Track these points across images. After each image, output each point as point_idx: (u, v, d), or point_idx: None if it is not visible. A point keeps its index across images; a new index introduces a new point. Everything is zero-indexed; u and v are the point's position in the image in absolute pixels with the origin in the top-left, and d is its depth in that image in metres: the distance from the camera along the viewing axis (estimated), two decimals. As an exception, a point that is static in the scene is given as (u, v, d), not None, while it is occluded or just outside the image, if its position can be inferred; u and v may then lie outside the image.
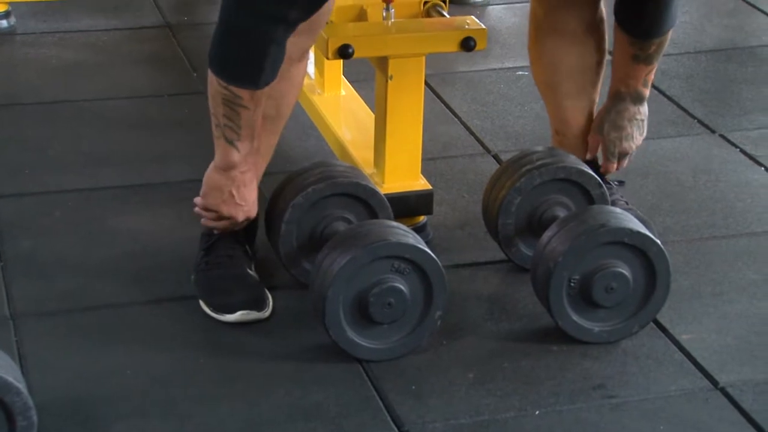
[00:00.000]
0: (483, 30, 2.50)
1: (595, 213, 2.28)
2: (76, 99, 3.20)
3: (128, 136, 3.03)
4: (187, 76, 3.35)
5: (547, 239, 2.28)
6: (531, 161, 2.46)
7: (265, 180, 2.49)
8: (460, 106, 3.22)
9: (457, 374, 2.22)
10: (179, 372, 2.21)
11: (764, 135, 3.09)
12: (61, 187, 2.79)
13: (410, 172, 2.57)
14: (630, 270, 2.26)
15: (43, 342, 2.28)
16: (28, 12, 3.62)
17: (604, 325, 2.29)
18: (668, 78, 3.39)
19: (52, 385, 2.15)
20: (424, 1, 2.64)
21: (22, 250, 2.55)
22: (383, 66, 2.48)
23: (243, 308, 2.33)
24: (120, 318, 2.36)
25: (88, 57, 3.43)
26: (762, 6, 3.85)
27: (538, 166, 2.44)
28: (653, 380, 2.22)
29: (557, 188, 2.46)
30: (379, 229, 2.23)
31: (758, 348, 2.31)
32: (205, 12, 3.71)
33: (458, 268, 2.49)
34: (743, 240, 2.66)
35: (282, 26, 2.16)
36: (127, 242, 2.59)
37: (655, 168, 2.94)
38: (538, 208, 2.46)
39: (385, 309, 2.20)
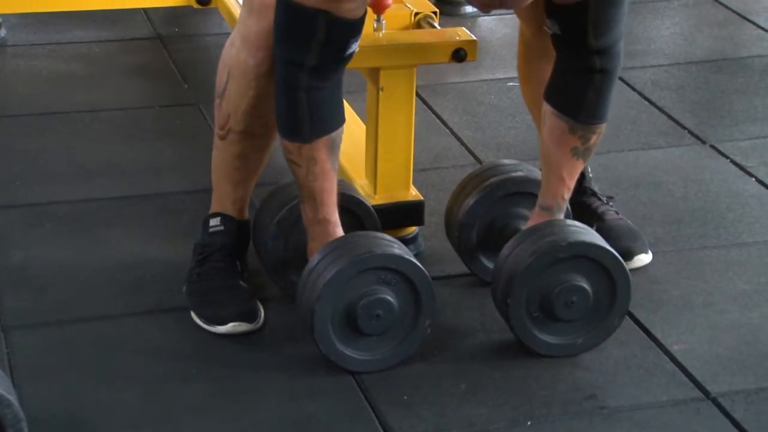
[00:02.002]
0: (474, 41, 2.51)
1: (554, 228, 2.27)
2: (67, 110, 3.20)
3: (120, 147, 3.03)
4: (178, 88, 3.35)
5: (508, 252, 2.27)
6: (494, 174, 2.46)
7: (257, 191, 2.49)
8: (451, 117, 3.23)
9: (449, 385, 2.22)
10: (171, 383, 2.21)
11: (755, 145, 3.10)
12: (53, 199, 2.79)
13: (401, 182, 2.57)
14: (589, 283, 2.26)
15: (35, 354, 2.28)
16: (19, 24, 3.62)
17: (567, 338, 2.28)
18: (659, 89, 3.40)
19: (43, 397, 2.15)
20: (415, 13, 2.65)
21: (14, 262, 2.55)
22: (374, 77, 2.48)
23: (234, 320, 2.33)
24: (112, 329, 2.36)
25: (80, 68, 3.43)
26: (752, 17, 3.86)
27: (499, 180, 2.44)
28: (645, 390, 2.22)
29: (518, 201, 2.45)
30: (365, 240, 2.23)
31: (749, 358, 2.31)
32: (196, 24, 3.71)
33: (450, 278, 2.50)
34: (734, 250, 2.67)
35: (304, 73, 2.14)
36: (119, 254, 2.59)
37: (646, 179, 2.95)
38: (498, 221, 2.46)
39: (374, 321, 2.20)
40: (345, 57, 2.16)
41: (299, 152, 2.20)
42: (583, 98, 2.24)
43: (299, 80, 2.15)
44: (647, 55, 3.61)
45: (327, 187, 2.23)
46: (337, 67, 2.17)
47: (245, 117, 2.33)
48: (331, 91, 2.19)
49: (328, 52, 2.13)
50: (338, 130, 2.22)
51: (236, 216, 2.44)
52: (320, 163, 2.20)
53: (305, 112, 2.18)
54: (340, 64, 2.17)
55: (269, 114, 2.31)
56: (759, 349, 2.34)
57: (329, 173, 2.22)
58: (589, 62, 2.21)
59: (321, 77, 2.16)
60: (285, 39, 2.15)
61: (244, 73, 2.30)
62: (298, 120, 2.18)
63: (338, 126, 2.22)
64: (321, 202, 2.24)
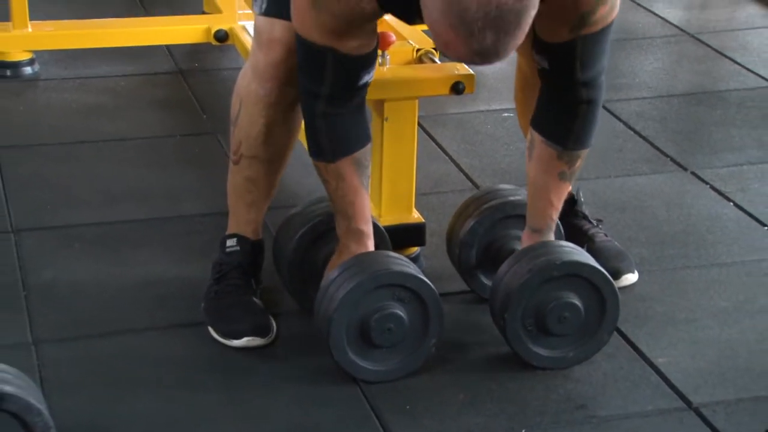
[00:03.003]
0: (471, 75, 2.51)
1: (548, 248, 2.26)
2: (95, 140, 3.20)
3: (143, 173, 3.03)
4: (197, 118, 3.35)
5: (505, 270, 2.26)
6: (493, 198, 2.45)
7: (271, 214, 2.48)
8: (450, 145, 3.22)
9: (449, 395, 2.21)
10: (189, 393, 2.20)
11: (732, 172, 3.09)
12: (81, 222, 2.79)
13: (404, 206, 2.57)
14: (580, 300, 2.24)
15: (63, 366, 2.27)
16: (51, 59, 3.63)
17: (559, 352, 2.27)
18: (643, 120, 3.39)
19: (71, 407, 2.14)
20: (417, 49, 2.65)
21: (44, 280, 2.54)
22: (379, 108, 2.48)
23: (249, 334, 2.32)
24: (135, 343, 2.35)
25: (107, 101, 3.43)
26: (729, 53, 3.86)
27: (498, 203, 2.43)
28: (632, 401, 2.21)
29: (515, 224, 2.44)
30: (382, 258, 2.22)
31: (729, 371, 2.30)
32: (215, 59, 3.72)
33: (449, 295, 2.48)
34: (714, 270, 2.65)
35: (319, 102, 2.15)
36: (142, 272, 2.58)
37: (631, 203, 2.94)
38: (496, 241, 2.45)
39: (386, 333, 2.19)
40: (358, 87, 2.16)
41: (327, 170, 2.21)
42: (570, 127, 2.23)
43: (316, 107, 2.16)
44: (632, 88, 3.60)
45: (357, 201, 2.23)
46: (351, 95, 2.17)
47: (256, 143, 2.33)
48: (350, 116, 2.19)
49: (339, 83, 2.13)
50: (362, 150, 2.21)
51: (251, 236, 2.43)
52: (348, 179, 2.20)
53: (324, 136, 2.18)
54: (354, 93, 2.17)
55: (278, 140, 2.31)
56: (738, 362, 2.32)
57: (358, 188, 2.22)
58: (575, 94, 2.20)
59: (337, 104, 2.16)
60: (302, 71, 2.15)
61: (254, 103, 2.29)
62: (320, 143, 2.19)
63: (361, 147, 2.21)
64: (353, 215, 2.24)
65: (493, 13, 1.78)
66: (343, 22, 2.04)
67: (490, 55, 1.84)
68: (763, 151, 3.20)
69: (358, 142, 2.21)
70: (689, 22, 4.12)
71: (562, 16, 2.07)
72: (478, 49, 1.82)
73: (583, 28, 2.10)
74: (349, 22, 2.05)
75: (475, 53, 1.83)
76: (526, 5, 1.80)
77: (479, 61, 1.85)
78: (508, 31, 1.81)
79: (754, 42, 3.95)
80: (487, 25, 1.79)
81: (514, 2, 1.78)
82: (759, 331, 2.43)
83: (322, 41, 2.07)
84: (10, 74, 3.53)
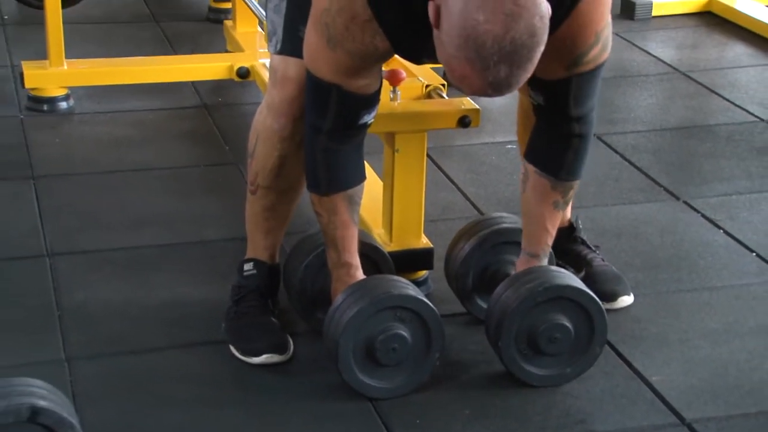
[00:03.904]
0: (477, 110, 2.51)
1: (536, 274, 2.25)
2: (124, 169, 3.21)
3: (169, 201, 3.03)
4: (220, 150, 3.35)
5: (498, 296, 2.25)
6: (488, 225, 2.45)
7: (287, 238, 2.48)
8: (457, 175, 3.22)
9: (455, 410, 2.19)
10: (211, 407, 2.19)
11: (722, 201, 3.08)
12: (111, 246, 2.79)
13: (414, 232, 2.56)
14: (569, 320, 2.23)
15: (94, 382, 2.26)
16: (84, 95, 3.64)
17: (556, 369, 2.25)
18: (638, 152, 3.39)
19: (101, 420, 2.14)
20: (426, 85, 2.65)
21: (76, 301, 2.54)
22: (391, 140, 2.48)
23: (267, 352, 2.31)
24: (160, 360, 2.34)
25: (136, 133, 3.44)
26: (718, 90, 3.86)
27: (488, 232, 2.42)
28: (628, 416, 2.19)
29: (506, 249, 2.43)
30: (383, 282, 2.21)
31: (719, 389, 2.28)
32: (237, 94, 3.73)
33: (456, 316, 2.47)
34: (705, 293, 2.64)
35: (321, 136, 2.14)
36: (167, 293, 2.58)
37: (627, 230, 2.93)
38: (490, 267, 2.44)
39: (390, 353, 2.18)
40: (358, 125, 2.14)
41: (321, 203, 2.20)
42: (563, 159, 2.23)
43: (318, 141, 2.15)
44: (628, 122, 3.60)
45: (347, 235, 2.22)
46: (351, 133, 2.16)
47: (271, 174, 2.33)
48: (348, 154, 2.18)
49: (340, 120, 2.13)
50: (356, 188, 2.21)
51: (267, 261, 2.42)
52: (339, 214, 2.19)
53: (322, 170, 2.18)
54: (354, 131, 2.16)
55: (292, 172, 2.30)
56: (728, 380, 2.31)
57: (348, 223, 2.21)
58: (568, 128, 2.20)
59: (337, 141, 2.15)
60: (308, 105, 2.15)
61: (269, 137, 2.29)
62: (317, 176, 2.18)
63: (355, 184, 2.20)
64: (342, 248, 2.23)
65: (507, 48, 1.79)
66: (357, 60, 2.04)
67: (503, 87, 1.85)
68: (750, 182, 3.19)
69: (354, 180, 2.20)
70: (681, 61, 4.12)
71: (559, 56, 2.07)
72: (492, 82, 1.83)
73: (578, 67, 2.10)
74: (362, 59, 2.05)
75: (489, 85, 1.84)
76: (537, 41, 1.82)
77: (492, 92, 1.86)
78: (521, 64, 1.82)
79: (742, 79, 3.95)
80: (502, 59, 1.80)
81: (526, 38, 1.80)
82: (748, 351, 2.41)
83: (331, 78, 2.07)
84: (47, 109, 3.54)
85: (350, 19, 1.98)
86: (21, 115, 3.51)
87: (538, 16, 1.81)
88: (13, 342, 2.38)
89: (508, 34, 1.79)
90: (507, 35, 1.79)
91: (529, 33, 1.80)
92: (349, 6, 1.98)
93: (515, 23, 1.79)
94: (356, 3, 1.97)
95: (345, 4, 1.98)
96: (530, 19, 1.80)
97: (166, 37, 4.20)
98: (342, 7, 1.98)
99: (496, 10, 1.78)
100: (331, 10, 2.00)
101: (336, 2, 1.99)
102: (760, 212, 3.02)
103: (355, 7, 1.97)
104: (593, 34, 2.07)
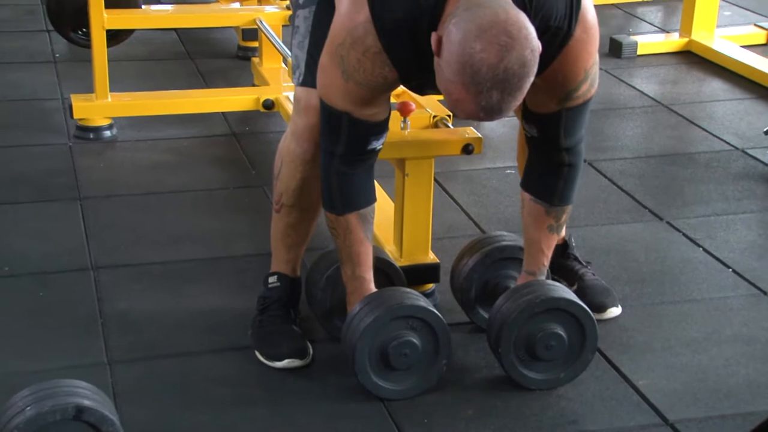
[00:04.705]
0: (479, 138, 2.50)
1: (533, 287, 2.24)
2: (161, 191, 3.21)
3: (201, 219, 3.03)
4: (247, 173, 3.36)
5: (498, 307, 2.24)
6: (490, 243, 2.44)
7: (308, 254, 2.48)
8: (461, 197, 3.22)
9: (459, 410, 2.18)
10: (238, 407, 2.18)
11: (701, 222, 3.06)
12: (149, 260, 2.79)
13: (422, 248, 2.55)
14: (563, 329, 2.21)
15: (133, 383, 2.26)
16: (126, 124, 3.66)
17: (551, 374, 2.24)
18: (625, 177, 3.38)
19: (139, 418, 2.13)
20: (433, 116, 2.65)
21: (118, 310, 2.54)
22: (401, 165, 2.48)
23: (289, 357, 2.30)
24: (193, 363, 2.34)
25: (172, 158, 3.45)
26: (698, 122, 3.84)
27: (489, 249, 2.41)
28: (616, 417, 2.18)
29: (505, 265, 2.42)
30: (397, 294, 2.20)
31: (699, 392, 2.26)
32: (263, 124, 3.73)
33: (460, 325, 2.46)
34: (686, 305, 2.62)
35: (335, 160, 2.14)
36: (200, 303, 2.58)
37: (615, 247, 2.91)
38: (491, 281, 2.43)
39: (402, 358, 2.17)
40: (367, 151, 2.14)
41: (336, 222, 2.19)
42: (555, 187, 2.22)
43: (332, 165, 2.15)
44: (615, 150, 3.59)
45: (361, 251, 2.21)
46: (362, 158, 2.15)
47: (294, 194, 2.32)
48: (360, 177, 2.18)
49: (351, 145, 2.12)
50: (368, 208, 2.20)
51: (290, 274, 2.42)
52: (354, 232, 2.19)
53: (337, 191, 2.17)
54: (364, 156, 2.15)
55: (313, 192, 2.30)
56: (708, 384, 2.29)
57: (363, 240, 2.20)
58: (559, 158, 2.19)
59: (349, 165, 2.15)
60: (323, 131, 2.15)
61: (293, 160, 2.30)
62: (332, 197, 2.18)
63: (367, 204, 2.19)
64: (357, 263, 2.22)
65: (500, 76, 1.80)
66: (367, 90, 2.04)
67: (494, 112, 1.85)
68: (727, 204, 3.18)
69: (365, 201, 2.19)
70: (663, 95, 4.12)
71: (552, 91, 2.07)
72: (484, 106, 1.83)
73: (568, 101, 2.10)
74: (372, 90, 2.04)
75: (482, 109, 1.84)
76: (527, 71, 1.83)
77: (483, 116, 1.86)
78: (511, 92, 1.83)
79: (719, 112, 3.94)
80: (495, 85, 1.81)
81: (518, 68, 1.81)
82: (725, 358, 2.39)
83: (343, 107, 2.07)
84: (93, 137, 3.55)
85: (362, 52, 1.99)
86: (70, 143, 3.52)
87: (529, 50, 1.82)
88: (60, 346, 2.38)
89: (502, 63, 1.80)
90: (500, 64, 1.80)
91: (521, 63, 1.81)
92: (361, 40, 1.98)
93: (508, 54, 1.80)
94: (368, 37, 1.98)
95: (358, 38, 1.99)
96: (522, 51, 1.81)
97: (200, 72, 4.21)
98: (355, 41, 1.99)
99: (491, 41, 1.80)
100: (345, 43, 2.00)
101: (350, 36, 1.99)
102: (736, 232, 3.01)
103: (367, 41, 1.98)
104: (582, 70, 2.07)
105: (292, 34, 2.30)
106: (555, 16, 1.98)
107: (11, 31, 4.62)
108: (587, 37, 2.04)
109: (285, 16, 3.68)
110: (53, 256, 2.78)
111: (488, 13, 1.83)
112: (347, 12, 2.00)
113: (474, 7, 1.85)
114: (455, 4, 1.89)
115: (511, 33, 1.80)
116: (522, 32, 1.82)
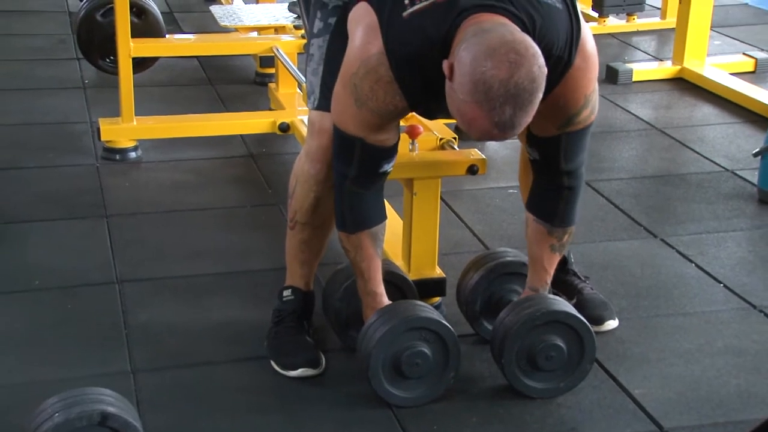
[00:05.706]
0: (484, 159, 2.50)
1: (535, 301, 2.23)
2: (183, 209, 3.21)
3: (220, 236, 3.03)
4: (264, 193, 3.36)
5: (501, 319, 2.23)
6: (493, 258, 2.43)
7: (321, 269, 2.47)
8: (466, 214, 3.21)
9: (464, 418, 2.17)
10: (255, 414, 2.18)
11: (693, 239, 3.05)
12: (171, 274, 2.79)
13: (429, 263, 2.55)
14: (563, 340, 2.20)
15: (156, 391, 2.26)
16: (150, 146, 3.66)
17: (551, 383, 2.22)
18: (621, 196, 3.37)
19: (161, 424, 2.13)
20: (440, 138, 2.65)
21: (141, 321, 2.54)
22: (409, 185, 2.48)
23: (303, 366, 2.30)
24: (213, 372, 2.33)
25: (193, 178, 3.45)
26: (689, 144, 3.84)
27: (494, 264, 2.41)
28: (614, 425, 2.16)
29: (509, 280, 2.41)
30: (411, 307, 2.20)
31: (692, 401, 2.25)
32: (279, 145, 3.74)
33: (465, 337, 2.45)
34: (679, 318, 2.61)
35: (347, 182, 2.14)
36: (219, 315, 2.57)
37: (612, 263, 2.90)
38: (495, 295, 2.42)
39: (414, 367, 2.16)
40: (379, 173, 2.14)
41: (348, 240, 2.19)
42: (556, 208, 2.21)
43: (344, 186, 2.15)
44: (612, 171, 3.58)
45: (372, 267, 2.20)
46: (373, 179, 2.15)
47: (308, 212, 2.32)
48: (370, 197, 2.17)
49: (363, 168, 2.12)
50: (378, 226, 2.19)
51: (303, 288, 2.41)
52: (365, 249, 2.18)
53: (348, 211, 2.17)
54: (375, 178, 2.15)
55: (325, 210, 2.30)
56: (700, 394, 2.27)
57: (373, 257, 2.20)
58: (560, 181, 2.18)
59: (361, 186, 2.15)
60: (336, 154, 2.15)
61: (306, 179, 2.29)
62: (344, 216, 2.17)
63: (377, 223, 2.19)
64: (368, 278, 2.22)
65: (512, 91, 1.81)
66: (378, 117, 2.04)
67: (507, 128, 1.85)
68: (718, 223, 3.16)
69: (376, 220, 2.19)
70: (657, 119, 4.11)
71: (553, 115, 2.07)
72: (498, 122, 1.83)
73: (569, 126, 2.09)
74: (383, 117, 2.05)
75: (496, 125, 1.84)
76: (536, 86, 1.83)
77: (497, 132, 1.85)
78: (523, 106, 1.83)
79: (710, 135, 3.93)
80: (507, 100, 1.81)
81: (527, 83, 1.81)
82: (717, 369, 2.38)
83: (355, 132, 2.07)
84: (119, 158, 3.56)
85: (375, 82, 1.99)
86: (97, 164, 3.53)
87: (537, 66, 1.83)
88: (87, 356, 2.38)
89: (512, 79, 1.80)
90: (511, 79, 1.80)
91: (530, 79, 1.81)
92: (374, 70, 1.99)
93: (518, 69, 1.80)
94: (381, 68, 1.98)
95: (371, 68, 1.99)
96: (530, 67, 1.81)
97: (220, 97, 4.22)
98: (368, 71, 1.99)
99: (501, 59, 1.80)
100: (359, 73, 2.00)
101: (363, 66, 2.00)
102: (727, 249, 2.99)
103: (380, 71, 1.98)
104: (582, 96, 2.06)
105: (307, 61, 2.30)
106: (556, 46, 1.98)
107: (44, 59, 4.64)
108: (587, 66, 2.04)
109: (300, 45, 3.70)
110: (81, 271, 2.79)
111: (496, 36, 1.84)
112: (361, 44, 2.00)
113: (481, 32, 1.86)
114: (463, 33, 1.89)
115: (519, 51, 1.82)
116: (529, 50, 1.83)
